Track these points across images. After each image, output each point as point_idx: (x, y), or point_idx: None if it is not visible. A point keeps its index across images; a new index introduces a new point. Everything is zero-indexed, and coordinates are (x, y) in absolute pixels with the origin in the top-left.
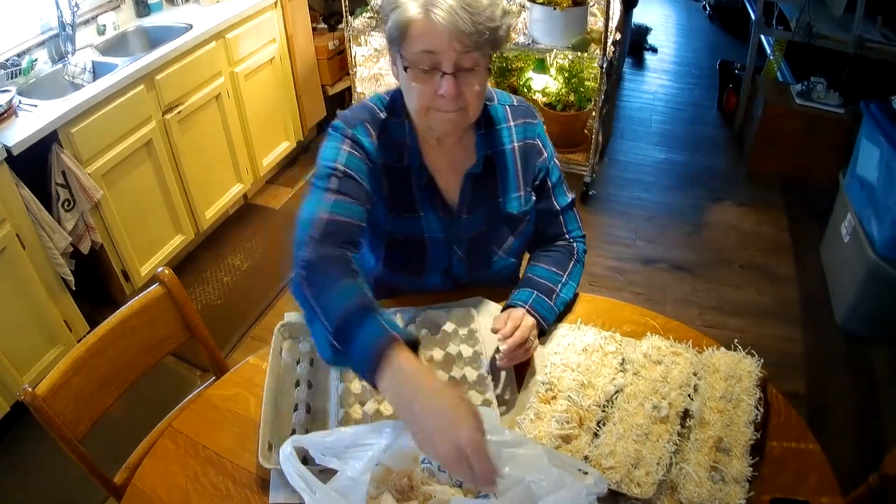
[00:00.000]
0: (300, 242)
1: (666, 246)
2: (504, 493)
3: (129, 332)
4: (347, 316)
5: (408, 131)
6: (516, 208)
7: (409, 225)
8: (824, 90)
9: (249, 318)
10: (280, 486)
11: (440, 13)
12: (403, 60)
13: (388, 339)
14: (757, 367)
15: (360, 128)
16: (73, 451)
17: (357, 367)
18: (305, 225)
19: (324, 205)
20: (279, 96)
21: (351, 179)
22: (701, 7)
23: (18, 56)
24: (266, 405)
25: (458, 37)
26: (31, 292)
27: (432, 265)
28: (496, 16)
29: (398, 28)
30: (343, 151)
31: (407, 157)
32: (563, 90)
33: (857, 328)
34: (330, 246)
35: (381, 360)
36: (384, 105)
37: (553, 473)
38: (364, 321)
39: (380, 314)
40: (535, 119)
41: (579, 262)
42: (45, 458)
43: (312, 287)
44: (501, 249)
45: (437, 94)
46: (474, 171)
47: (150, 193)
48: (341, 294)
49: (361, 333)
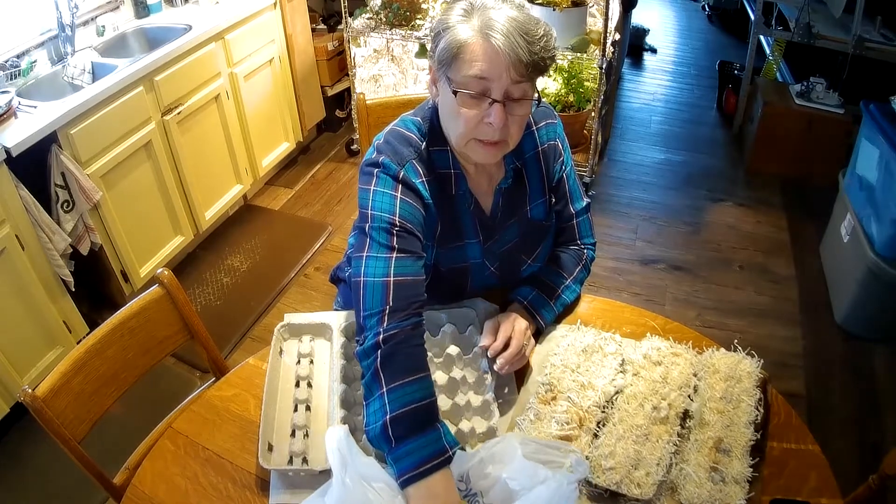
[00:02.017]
0: (372, 311)
1: (665, 246)
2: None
3: (128, 333)
4: (412, 412)
5: (451, 159)
6: (542, 214)
7: (453, 255)
8: (824, 90)
9: (249, 319)
10: (280, 487)
11: (499, 38)
12: (451, 84)
13: (438, 461)
14: (757, 367)
15: (409, 168)
16: (72, 451)
17: (395, 463)
18: (374, 291)
19: (388, 266)
20: (278, 97)
21: (410, 234)
22: (700, 7)
23: (18, 57)
24: (266, 406)
25: (516, 65)
26: (31, 293)
27: (471, 289)
28: (550, 46)
29: (449, 50)
30: (397, 199)
31: (455, 185)
32: (562, 91)
33: (856, 328)
34: (404, 316)
35: (420, 477)
36: (420, 130)
37: (525, 466)
38: (425, 428)
39: (441, 424)
40: (554, 119)
41: (586, 268)
42: (45, 459)
43: (386, 366)
44: (531, 258)
45: (484, 121)
46: (504, 185)
47: (150, 194)
48: (414, 387)
49: (417, 440)
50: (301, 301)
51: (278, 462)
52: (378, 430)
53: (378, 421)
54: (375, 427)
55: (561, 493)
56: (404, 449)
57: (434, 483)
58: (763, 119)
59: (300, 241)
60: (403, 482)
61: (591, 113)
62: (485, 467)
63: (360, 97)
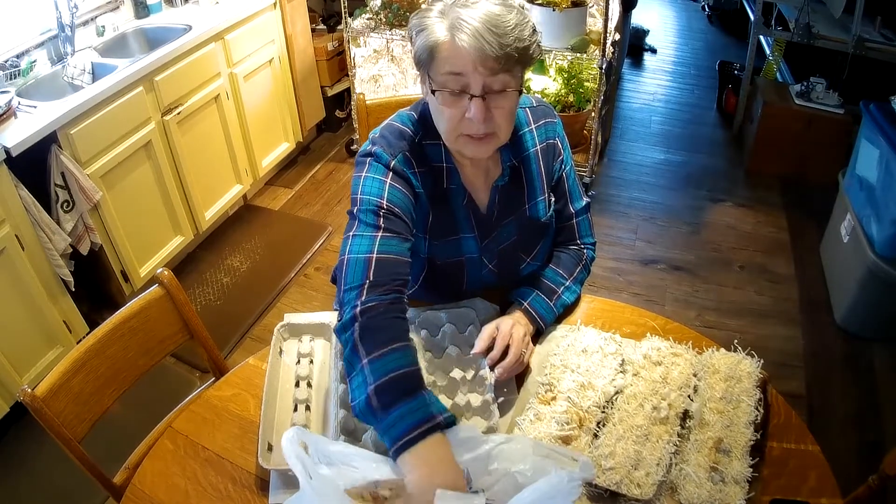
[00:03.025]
0: (353, 285)
1: (665, 246)
2: (491, 487)
3: (128, 332)
4: (396, 380)
5: (444, 153)
6: (542, 213)
7: (449, 249)
8: (823, 90)
9: (249, 319)
10: (280, 487)
11: (464, 37)
12: (432, 83)
13: (429, 425)
14: (757, 367)
15: (401, 158)
16: (72, 451)
17: (385, 433)
18: (356, 266)
19: (372, 244)
20: (278, 97)
21: (396, 216)
22: (700, 8)
23: (18, 57)
24: (266, 406)
25: (484, 61)
26: (31, 293)
27: (469, 285)
28: (524, 36)
29: (426, 50)
30: (386, 184)
31: (447, 179)
32: (562, 91)
33: (856, 328)
34: (383, 290)
35: (412, 443)
36: (415, 125)
37: (537, 463)
38: (411, 394)
39: (429, 393)
40: (554, 118)
41: (586, 268)
42: (45, 459)
43: (365, 337)
44: (530, 257)
45: (466, 117)
46: (501, 183)
47: (150, 194)
48: (395, 356)
49: (403, 406)
50: (301, 301)
51: (278, 462)
52: (363, 403)
53: (362, 394)
54: (360, 401)
55: (561, 489)
56: (392, 417)
57: (428, 448)
58: (763, 119)
59: (300, 241)
60: (396, 452)
61: (591, 113)
62: (490, 464)
63: (359, 97)
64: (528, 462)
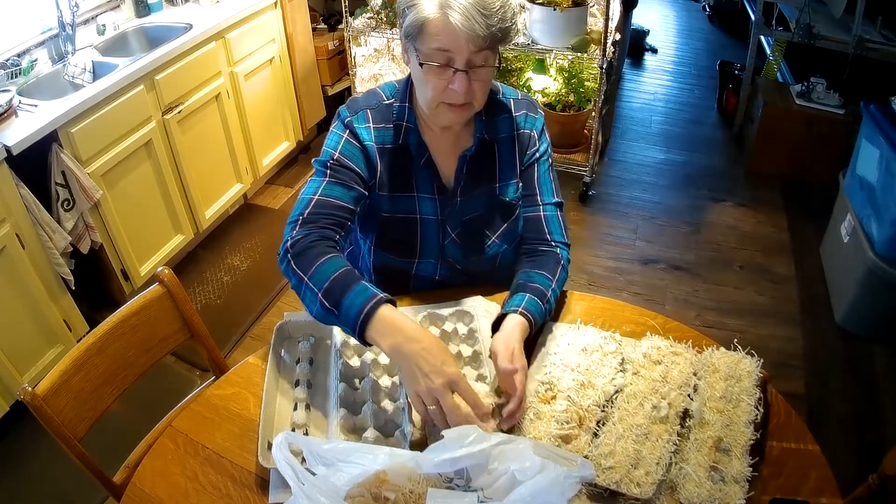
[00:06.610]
0: (290, 220)
1: (665, 246)
2: (490, 485)
3: (128, 331)
4: (336, 279)
5: (408, 113)
6: (511, 195)
7: (402, 204)
8: (824, 91)
9: (249, 318)
10: (280, 486)
11: (457, 16)
12: (419, 55)
13: (375, 299)
14: (756, 367)
15: (360, 115)
16: (72, 450)
17: (346, 322)
18: (298, 205)
19: (316, 188)
20: (279, 96)
21: (343, 167)
22: (700, 8)
23: (18, 56)
24: (266, 405)
25: (473, 39)
26: (31, 292)
27: (424, 247)
28: (507, 17)
29: (415, 25)
30: (342, 140)
31: (404, 136)
32: (562, 90)
33: (856, 328)
34: (317, 226)
35: (369, 316)
36: (392, 91)
37: (536, 461)
38: (351, 285)
39: (365, 280)
40: (536, 113)
41: (564, 269)
42: (45, 458)
43: (298, 260)
44: (495, 235)
45: (449, 87)
46: (468, 153)
47: (150, 193)
48: (328, 264)
49: (349, 295)
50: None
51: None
52: (319, 310)
53: (315, 303)
54: (316, 309)
55: (558, 484)
56: (344, 308)
57: (384, 317)
58: (763, 119)
59: None
60: (360, 334)
61: (592, 113)
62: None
63: None
64: (528, 461)
